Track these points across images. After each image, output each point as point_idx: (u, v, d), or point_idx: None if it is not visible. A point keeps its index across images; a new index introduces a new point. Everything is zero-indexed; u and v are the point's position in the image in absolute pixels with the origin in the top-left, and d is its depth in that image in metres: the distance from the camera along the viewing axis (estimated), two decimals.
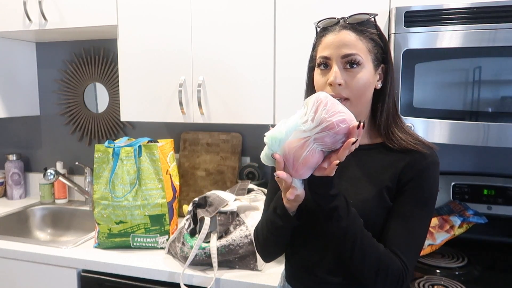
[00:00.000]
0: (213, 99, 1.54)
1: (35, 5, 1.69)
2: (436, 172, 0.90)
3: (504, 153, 1.57)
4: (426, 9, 1.21)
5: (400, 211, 0.88)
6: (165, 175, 1.52)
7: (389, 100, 0.92)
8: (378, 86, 0.91)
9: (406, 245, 0.87)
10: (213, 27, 1.50)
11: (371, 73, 0.88)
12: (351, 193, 0.90)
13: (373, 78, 0.89)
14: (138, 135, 2.03)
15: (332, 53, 0.87)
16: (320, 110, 0.74)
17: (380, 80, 0.92)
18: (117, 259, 1.42)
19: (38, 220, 2.01)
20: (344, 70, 0.87)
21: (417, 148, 0.89)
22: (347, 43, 0.86)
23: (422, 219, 0.89)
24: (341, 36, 0.87)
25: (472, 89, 1.19)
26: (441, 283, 1.24)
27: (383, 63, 0.91)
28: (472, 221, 1.41)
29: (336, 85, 0.86)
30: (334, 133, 0.74)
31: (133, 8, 1.59)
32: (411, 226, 0.87)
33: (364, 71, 0.87)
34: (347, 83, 0.86)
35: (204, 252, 1.30)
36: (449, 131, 1.22)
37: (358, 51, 0.86)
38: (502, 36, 1.14)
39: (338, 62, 0.87)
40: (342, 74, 0.86)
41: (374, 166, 0.92)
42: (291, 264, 1.01)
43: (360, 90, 0.87)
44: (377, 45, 0.89)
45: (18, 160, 2.17)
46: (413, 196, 0.88)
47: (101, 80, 2.07)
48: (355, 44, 0.87)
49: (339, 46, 0.87)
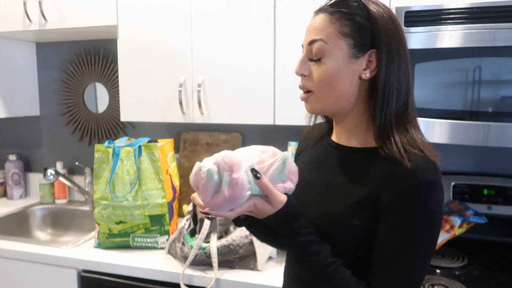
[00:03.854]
0: (213, 99, 1.54)
1: (35, 5, 1.69)
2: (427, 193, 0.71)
3: (504, 153, 1.57)
4: (426, 9, 1.21)
5: (383, 241, 0.72)
6: (165, 175, 1.52)
7: (384, 95, 0.74)
8: (365, 77, 0.76)
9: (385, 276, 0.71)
10: (213, 27, 1.50)
11: (343, 61, 0.75)
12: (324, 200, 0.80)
13: (348, 67, 0.75)
14: (138, 135, 2.03)
15: (304, 40, 0.80)
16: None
17: (370, 68, 0.76)
18: (117, 259, 1.42)
19: (38, 220, 2.01)
20: (310, 60, 0.78)
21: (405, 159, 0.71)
22: (315, 28, 0.77)
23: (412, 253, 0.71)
24: (313, 21, 0.79)
25: (472, 89, 1.19)
26: (441, 283, 1.24)
27: (373, 47, 0.75)
28: (472, 221, 1.41)
29: (301, 76, 0.80)
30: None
31: (133, 8, 1.59)
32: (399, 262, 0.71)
33: (331, 59, 0.75)
34: (311, 73, 0.78)
35: (204, 252, 1.30)
36: (449, 131, 1.22)
37: (325, 36, 0.75)
38: (502, 36, 1.14)
39: (306, 50, 0.79)
40: (305, 63, 0.78)
41: (357, 174, 0.78)
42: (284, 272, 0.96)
43: (324, 81, 0.76)
44: (360, 28, 0.74)
45: (18, 160, 2.17)
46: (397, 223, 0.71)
47: (101, 80, 2.07)
48: (323, 28, 0.76)
49: (308, 32, 0.79)
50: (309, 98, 0.79)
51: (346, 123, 0.81)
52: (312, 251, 0.73)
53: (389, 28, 0.75)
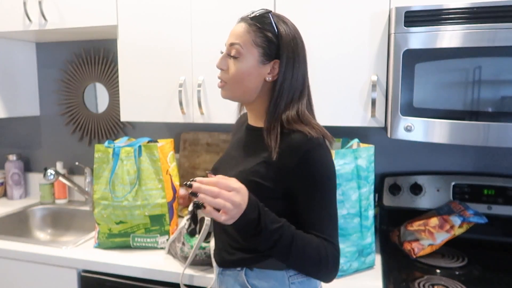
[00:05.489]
0: (213, 99, 1.54)
1: (35, 5, 1.69)
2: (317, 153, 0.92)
3: (504, 153, 1.58)
4: (426, 9, 1.21)
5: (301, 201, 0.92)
6: (165, 175, 1.52)
7: (279, 95, 0.95)
8: (268, 79, 0.96)
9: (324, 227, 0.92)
10: (213, 27, 1.50)
11: (252, 65, 0.95)
12: (237, 165, 1.00)
13: (255, 70, 0.95)
14: (138, 135, 2.03)
15: (227, 40, 0.99)
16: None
17: (272, 74, 0.96)
18: (117, 259, 1.42)
19: (38, 220, 2.01)
20: (228, 58, 0.97)
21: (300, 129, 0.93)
22: (236, 34, 0.96)
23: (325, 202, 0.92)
24: (237, 27, 0.97)
25: (472, 89, 1.19)
26: (441, 283, 1.24)
27: (277, 58, 0.96)
28: (472, 221, 1.41)
29: (220, 69, 0.99)
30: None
31: (133, 8, 1.59)
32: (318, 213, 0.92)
33: (243, 62, 0.95)
34: (228, 69, 0.97)
35: (204, 252, 1.30)
36: (449, 131, 1.22)
37: (241, 42, 0.94)
38: (502, 36, 1.14)
39: (227, 49, 0.98)
40: (224, 60, 0.98)
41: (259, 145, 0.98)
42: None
43: (235, 77, 0.96)
44: (268, 41, 0.95)
45: (18, 160, 2.17)
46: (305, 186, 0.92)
47: (101, 80, 2.07)
48: (241, 35, 0.95)
49: (231, 35, 0.97)
50: (224, 87, 0.99)
51: (253, 110, 1.03)
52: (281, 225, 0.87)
53: (291, 45, 0.96)
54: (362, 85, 1.37)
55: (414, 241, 1.42)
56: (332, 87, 1.40)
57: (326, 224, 0.92)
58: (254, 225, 0.84)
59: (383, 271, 1.34)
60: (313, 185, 0.91)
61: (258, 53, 0.95)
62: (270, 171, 0.93)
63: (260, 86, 0.98)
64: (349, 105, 1.39)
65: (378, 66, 1.34)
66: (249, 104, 1.03)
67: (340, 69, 1.39)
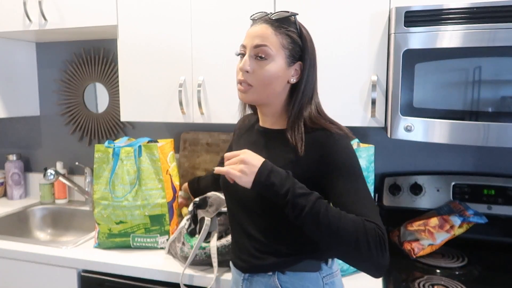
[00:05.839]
0: (213, 99, 1.54)
1: (35, 5, 1.69)
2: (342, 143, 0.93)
3: (504, 153, 1.57)
4: (426, 9, 1.21)
5: (337, 191, 0.90)
6: (165, 175, 1.52)
7: (303, 95, 0.96)
8: (292, 81, 0.96)
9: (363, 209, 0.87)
10: (214, 27, 1.50)
11: (280, 67, 0.94)
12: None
13: (283, 72, 0.94)
14: (138, 135, 2.03)
15: (247, 42, 0.95)
16: None
17: (296, 75, 0.97)
18: (117, 259, 1.42)
19: (38, 220, 2.01)
20: (254, 60, 0.94)
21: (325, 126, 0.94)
22: (261, 35, 0.93)
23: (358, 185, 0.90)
24: (258, 28, 0.94)
25: (472, 89, 1.19)
26: (441, 283, 1.24)
27: (300, 60, 0.96)
28: (472, 221, 1.41)
29: (244, 72, 0.95)
30: None
31: (133, 8, 1.59)
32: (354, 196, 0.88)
33: (273, 64, 0.93)
34: (254, 71, 0.94)
35: (204, 252, 1.30)
36: (449, 131, 1.22)
37: (270, 44, 0.92)
38: (502, 36, 1.14)
39: (250, 51, 0.95)
40: (251, 62, 0.94)
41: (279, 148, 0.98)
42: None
43: (264, 80, 0.93)
44: (294, 43, 0.94)
45: (18, 160, 2.17)
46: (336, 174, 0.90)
47: (101, 80, 2.07)
48: (268, 37, 0.93)
49: (254, 36, 0.94)
50: (248, 90, 0.96)
51: (269, 112, 1.01)
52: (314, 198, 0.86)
53: (311, 47, 0.97)
54: (362, 85, 1.37)
55: (414, 241, 1.42)
56: (332, 87, 1.40)
57: (365, 206, 0.88)
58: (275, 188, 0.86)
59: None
60: (346, 171, 0.90)
61: (285, 55, 0.94)
62: (298, 170, 0.92)
63: (283, 89, 0.97)
64: (349, 105, 1.39)
65: (378, 66, 1.34)
66: (266, 107, 1.01)
67: (340, 69, 1.39)
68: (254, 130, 1.09)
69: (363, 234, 0.82)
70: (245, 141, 1.10)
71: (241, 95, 0.98)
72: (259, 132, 1.06)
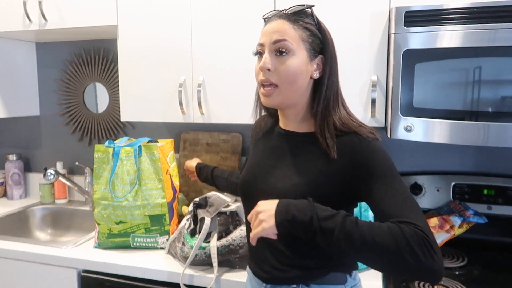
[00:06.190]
0: (213, 99, 1.54)
1: (35, 5, 1.69)
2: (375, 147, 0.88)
3: (504, 153, 1.57)
4: (426, 9, 1.21)
5: (374, 196, 0.85)
6: (165, 175, 1.52)
7: (327, 91, 0.91)
8: (315, 76, 0.91)
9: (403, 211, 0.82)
10: (213, 27, 1.50)
11: (303, 61, 0.89)
12: (287, 177, 0.92)
13: (306, 67, 0.89)
14: (138, 135, 2.03)
15: (265, 40, 0.90)
16: None
17: (318, 70, 0.92)
18: (117, 259, 1.42)
19: (38, 220, 2.01)
20: (275, 56, 0.89)
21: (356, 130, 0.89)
22: (278, 30, 0.89)
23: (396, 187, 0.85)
24: (275, 24, 0.90)
25: (472, 89, 1.19)
26: (441, 283, 1.24)
27: (321, 54, 0.91)
28: (472, 221, 1.41)
29: (266, 70, 0.89)
30: None
31: (133, 8, 1.59)
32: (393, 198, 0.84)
33: (295, 58, 0.88)
34: (276, 68, 0.89)
35: (204, 252, 1.30)
36: (449, 131, 1.22)
37: (289, 38, 0.88)
38: (502, 36, 1.14)
39: (269, 48, 0.90)
40: (272, 60, 0.89)
41: (307, 154, 0.93)
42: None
43: (288, 76, 0.88)
44: (313, 35, 0.90)
45: (18, 160, 2.17)
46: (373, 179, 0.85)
47: (101, 80, 2.07)
48: (286, 31, 0.88)
49: (271, 32, 0.89)
50: (273, 92, 0.90)
51: (292, 114, 0.96)
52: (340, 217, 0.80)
53: (331, 40, 0.92)
54: (362, 85, 1.37)
55: None
56: None
57: (406, 208, 0.82)
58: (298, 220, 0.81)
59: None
60: (382, 175, 0.85)
61: (306, 48, 0.89)
62: (330, 176, 0.88)
63: (307, 86, 0.92)
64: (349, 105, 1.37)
65: (378, 66, 1.34)
66: (290, 108, 0.95)
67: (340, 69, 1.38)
68: (274, 133, 1.03)
69: (403, 240, 0.76)
70: (265, 146, 1.04)
71: (266, 100, 0.92)
72: (281, 135, 1.00)
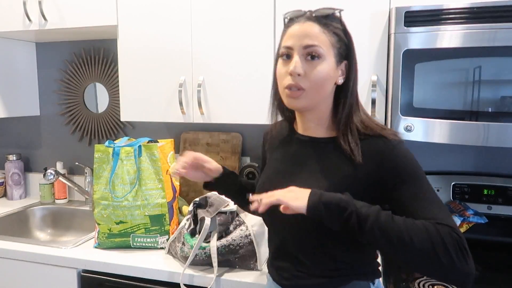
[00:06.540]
0: (213, 99, 1.54)
1: (35, 5, 1.69)
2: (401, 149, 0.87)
3: (504, 153, 1.57)
4: (426, 9, 1.21)
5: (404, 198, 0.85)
6: (165, 175, 1.52)
7: (351, 96, 0.91)
8: (339, 82, 0.91)
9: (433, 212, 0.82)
10: (213, 27, 1.50)
11: (332, 67, 0.88)
12: (311, 183, 0.89)
13: (333, 73, 0.89)
14: (138, 135, 2.03)
15: (294, 43, 0.87)
16: None
17: (342, 76, 0.91)
18: (117, 259, 1.42)
19: (38, 220, 2.01)
20: (305, 61, 0.87)
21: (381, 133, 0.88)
22: (310, 34, 0.86)
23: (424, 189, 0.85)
24: (304, 27, 0.87)
25: (472, 89, 1.19)
26: (441, 283, 1.24)
27: (346, 59, 0.91)
28: (472, 221, 1.41)
29: (296, 75, 0.86)
30: None
31: (133, 8, 1.59)
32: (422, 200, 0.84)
33: (325, 64, 0.87)
34: (306, 73, 0.86)
35: (204, 252, 1.30)
36: (449, 131, 1.22)
37: (320, 43, 0.86)
38: (502, 36, 1.14)
39: (299, 52, 0.87)
40: (302, 64, 0.86)
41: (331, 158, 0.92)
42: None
43: (318, 82, 0.87)
44: (340, 40, 0.89)
45: (18, 160, 2.17)
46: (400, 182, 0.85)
47: (101, 80, 2.07)
48: (317, 36, 0.86)
49: (302, 36, 0.87)
50: (301, 95, 0.88)
51: (315, 118, 0.94)
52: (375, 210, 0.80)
53: (354, 44, 0.92)
54: (362, 85, 1.36)
55: None
56: None
57: (435, 209, 0.82)
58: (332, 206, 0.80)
59: (383, 271, 1.33)
60: (410, 177, 0.85)
61: (334, 54, 0.88)
62: (356, 182, 0.87)
63: (331, 91, 0.91)
64: None
65: (378, 66, 1.34)
66: (311, 112, 0.93)
67: None
68: (292, 140, 1.00)
69: (439, 239, 0.76)
70: (284, 154, 1.01)
71: (291, 102, 0.89)
72: (301, 141, 0.98)
